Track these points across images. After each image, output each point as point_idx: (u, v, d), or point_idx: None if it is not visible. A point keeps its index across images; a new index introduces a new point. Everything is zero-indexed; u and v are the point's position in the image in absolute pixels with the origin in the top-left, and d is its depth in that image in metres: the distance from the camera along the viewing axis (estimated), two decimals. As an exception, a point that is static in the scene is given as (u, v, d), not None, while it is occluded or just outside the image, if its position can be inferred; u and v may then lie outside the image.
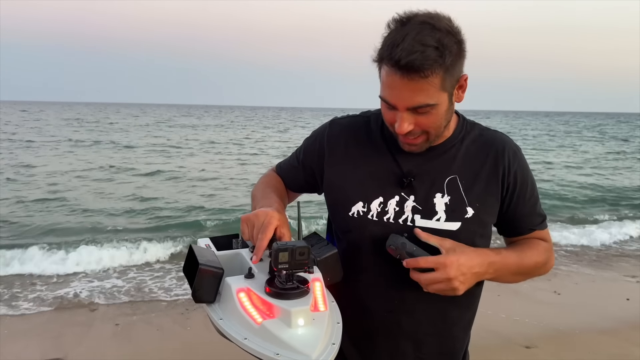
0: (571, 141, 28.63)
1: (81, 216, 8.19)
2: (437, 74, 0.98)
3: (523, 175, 1.18)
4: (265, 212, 1.06)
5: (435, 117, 1.05)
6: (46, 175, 12.04)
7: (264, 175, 1.39)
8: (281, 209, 1.15)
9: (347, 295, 1.17)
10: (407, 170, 1.15)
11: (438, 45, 0.97)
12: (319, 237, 1.15)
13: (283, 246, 0.92)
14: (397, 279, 1.12)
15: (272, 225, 1.03)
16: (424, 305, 1.16)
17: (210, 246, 1.18)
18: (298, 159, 1.32)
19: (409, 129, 1.05)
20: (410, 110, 1.03)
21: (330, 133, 1.25)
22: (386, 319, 1.16)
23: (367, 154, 1.20)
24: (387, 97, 1.04)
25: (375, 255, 1.14)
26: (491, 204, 1.16)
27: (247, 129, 36.81)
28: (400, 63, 0.97)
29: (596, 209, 9.79)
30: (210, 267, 0.97)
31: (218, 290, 0.99)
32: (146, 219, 8.12)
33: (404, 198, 1.14)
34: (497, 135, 1.21)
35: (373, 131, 1.22)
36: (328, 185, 1.24)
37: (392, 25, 1.02)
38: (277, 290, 0.92)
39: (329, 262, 1.05)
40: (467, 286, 1.07)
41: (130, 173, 12.90)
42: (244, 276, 0.99)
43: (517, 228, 1.22)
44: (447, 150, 1.17)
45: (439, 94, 1.02)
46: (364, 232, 1.15)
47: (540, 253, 1.21)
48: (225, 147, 20.98)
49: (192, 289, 0.97)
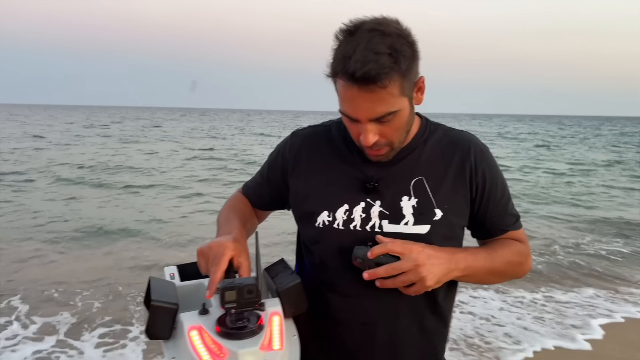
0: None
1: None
2: (394, 80, 0.96)
3: (492, 174, 1.15)
4: (219, 244, 1.02)
5: (399, 123, 1.03)
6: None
7: (230, 197, 1.35)
8: (240, 236, 1.11)
9: (320, 308, 1.13)
10: (370, 174, 1.12)
11: (391, 52, 0.94)
12: (285, 265, 1.11)
13: (229, 284, 0.88)
14: (370, 289, 1.07)
15: (225, 257, 0.99)
16: (401, 317, 1.11)
17: (174, 275, 1.14)
18: (263, 176, 1.30)
19: (374, 140, 1.03)
20: (373, 120, 1.01)
21: (291, 144, 1.23)
22: (361, 331, 1.11)
23: (329, 162, 1.17)
24: (347, 111, 1.02)
25: (345, 266, 1.09)
26: (460, 204, 1.12)
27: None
28: (356, 75, 0.93)
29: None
30: (163, 302, 0.93)
31: (173, 326, 0.95)
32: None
33: (370, 204, 1.10)
34: (463, 135, 1.18)
35: (335, 139, 1.19)
36: (293, 197, 1.21)
37: (341, 36, 1.00)
38: (226, 330, 0.89)
39: (291, 293, 1.01)
40: (436, 278, 1.01)
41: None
42: (197, 312, 0.94)
43: (490, 229, 1.18)
44: (411, 152, 1.13)
45: (400, 100, 1.00)
46: (331, 242, 1.11)
47: (514, 252, 1.16)
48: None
49: (146, 325, 0.93)
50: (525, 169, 16.41)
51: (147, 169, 14.65)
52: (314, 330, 1.15)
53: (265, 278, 1.11)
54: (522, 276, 1.21)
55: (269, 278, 1.09)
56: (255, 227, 1.33)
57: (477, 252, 1.12)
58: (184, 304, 0.99)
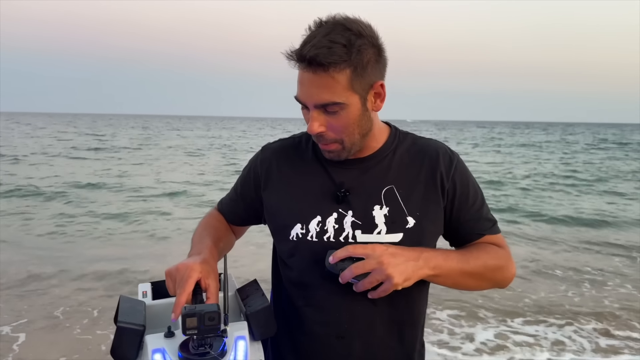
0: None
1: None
2: (343, 71, 0.98)
3: (462, 180, 1.15)
4: (186, 265, 1.01)
5: (346, 120, 1.03)
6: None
7: (206, 215, 1.34)
8: (210, 256, 1.09)
9: (297, 322, 1.12)
10: (339, 181, 1.12)
11: (346, 44, 0.97)
12: (257, 286, 1.10)
13: (191, 311, 0.87)
14: (344, 302, 1.07)
15: (191, 279, 0.98)
16: (376, 329, 1.10)
17: (147, 293, 1.12)
18: (237, 192, 1.29)
19: (319, 130, 1.04)
20: (319, 108, 1.02)
21: (262, 159, 1.23)
22: (338, 345, 1.10)
23: (299, 174, 1.17)
24: (298, 94, 1.05)
25: (320, 278, 1.08)
26: (433, 211, 1.11)
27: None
28: (306, 57, 0.97)
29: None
30: (128, 324, 0.92)
31: (140, 346, 0.93)
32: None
33: (342, 214, 1.09)
34: (431, 143, 1.18)
35: (304, 150, 1.20)
36: (267, 212, 1.20)
37: (312, 27, 1.02)
38: (188, 355, 0.88)
39: (260, 317, 1.00)
40: (404, 276, 0.98)
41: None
42: (163, 335, 0.93)
43: (466, 235, 1.16)
44: (380, 160, 1.14)
45: (347, 94, 1.00)
46: (305, 254, 1.10)
47: (491, 256, 1.13)
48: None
49: (112, 346, 0.91)
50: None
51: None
52: (291, 344, 1.13)
53: (236, 299, 1.10)
54: (506, 283, 1.17)
55: (240, 300, 1.08)
56: (232, 243, 1.32)
57: (449, 252, 1.09)
58: (153, 323, 0.99)
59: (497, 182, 14.30)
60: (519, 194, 12.31)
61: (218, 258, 1.15)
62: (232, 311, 1.08)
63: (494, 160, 21.66)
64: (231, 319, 1.01)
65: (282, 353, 1.15)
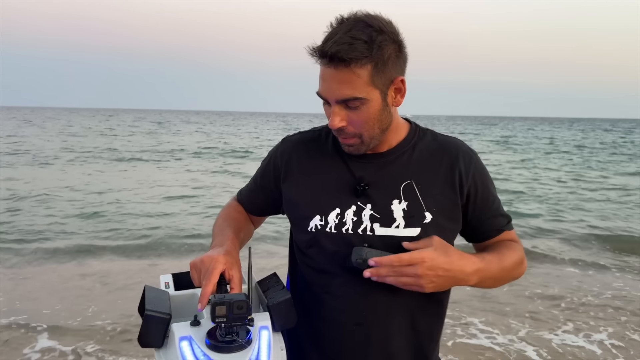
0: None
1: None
2: (364, 66, 1.00)
3: (482, 178, 1.17)
4: (211, 257, 1.04)
5: (367, 114, 1.05)
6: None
7: (225, 206, 1.37)
8: (233, 248, 1.13)
9: (316, 310, 1.16)
10: (359, 175, 1.14)
11: (367, 40, 0.99)
12: (277, 279, 1.13)
13: (221, 300, 0.90)
14: (364, 290, 1.10)
15: (216, 271, 1.02)
16: (394, 317, 1.13)
17: (169, 284, 1.16)
18: (256, 183, 1.32)
19: (341, 125, 1.06)
20: (340, 103, 1.05)
21: (282, 151, 1.25)
22: (355, 332, 1.13)
23: (319, 167, 1.19)
24: (319, 90, 1.07)
25: (339, 268, 1.11)
26: (450, 208, 1.14)
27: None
28: (328, 53, 1.00)
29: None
30: (156, 312, 0.96)
31: (165, 335, 0.97)
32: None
33: (361, 207, 1.12)
34: (450, 140, 1.20)
35: (323, 143, 1.22)
36: (286, 203, 1.23)
37: (334, 24, 1.04)
38: (215, 342, 0.91)
39: (281, 308, 1.03)
40: (434, 289, 1.03)
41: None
42: (189, 323, 0.97)
43: (486, 232, 1.20)
44: (400, 156, 1.16)
45: (368, 89, 1.02)
46: (324, 245, 1.13)
47: (517, 253, 1.19)
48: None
49: (139, 333, 0.95)
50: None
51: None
52: (310, 330, 1.17)
53: (257, 291, 1.13)
54: (521, 276, 1.22)
55: (260, 292, 1.11)
56: (252, 233, 1.35)
57: (490, 260, 1.11)
58: (176, 312, 1.02)
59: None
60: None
61: (239, 248, 1.19)
62: (255, 305, 1.11)
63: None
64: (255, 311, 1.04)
65: (299, 339, 1.19)
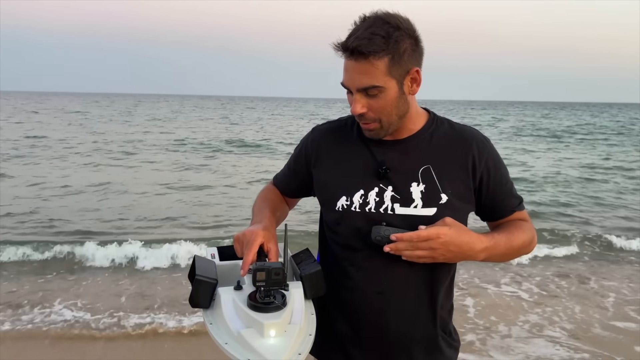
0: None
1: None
2: (381, 59, 1.12)
3: (495, 162, 1.29)
4: (251, 231, 1.21)
5: (385, 101, 1.17)
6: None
7: (263, 189, 1.54)
8: (270, 224, 1.29)
9: (342, 280, 1.30)
10: (381, 159, 1.26)
11: (385, 35, 1.11)
12: (309, 254, 1.28)
13: (261, 267, 1.06)
14: (384, 263, 1.23)
15: (256, 242, 1.18)
16: (411, 288, 1.26)
17: (215, 256, 1.32)
18: (290, 168, 1.47)
19: (362, 111, 1.18)
20: (361, 92, 1.17)
21: (313, 139, 1.39)
22: (377, 299, 1.27)
23: (346, 152, 1.32)
24: (343, 80, 1.19)
25: (362, 244, 1.24)
26: (464, 190, 1.25)
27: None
28: (349, 48, 1.13)
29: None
30: (205, 277, 1.12)
31: (212, 298, 1.13)
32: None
33: (383, 189, 1.24)
34: (466, 129, 1.32)
35: (349, 132, 1.35)
36: (316, 186, 1.37)
37: (357, 21, 1.17)
38: (255, 303, 1.05)
39: (312, 279, 1.18)
40: (446, 260, 1.18)
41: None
42: (233, 287, 1.12)
43: (499, 211, 1.33)
44: (419, 142, 1.27)
45: (386, 79, 1.14)
46: (349, 223, 1.26)
47: (526, 232, 1.31)
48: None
49: (190, 295, 1.11)
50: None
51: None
52: (337, 299, 1.31)
53: (291, 263, 1.28)
54: (530, 252, 1.37)
55: (294, 264, 1.26)
56: (286, 213, 1.52)
57: (499, 239, 1.24)
58: (221, 280, 1.17)
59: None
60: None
61: (276, 225, 1.35)
62: (289, 275, 1.25)
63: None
64: (289, 280, 1.18)
65: (327, 307, 1.33)
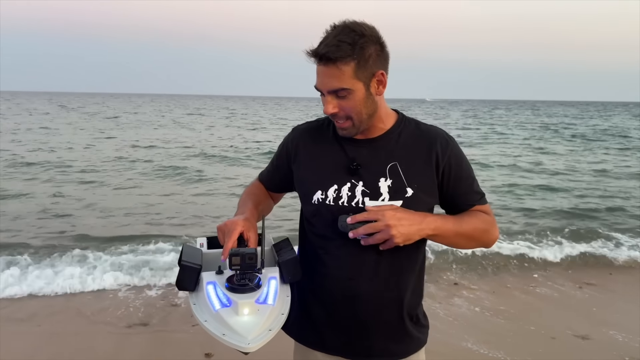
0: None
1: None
2: (348, 64, 1.24)
3: (457, 159, 1.39)
4: (232, 221, 1.34)
5: (354, 102, 1.29)
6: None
7: (249, 185, 1.67)
8: (251, 216, 1.42)
9: (318, 267, 1.42)
10: (352, 156, 1.38)
11: (351, 42, 1.23)
12: (288, 242, 1.41)
13: (236, 252, 1.19)
14: (354, 251, 1.35)
15: (236, 231, 1.30)
16: (379, 273, 1.37)
17: (204, 244, 1.45)
18: (273, 165, 1.61)
19: (333, 111, 1.30)
20: (331, 94, 1.28)
21: (292, 138, 1.52)
22: (346, 285, 1.38)
23: (322, 150, 1.44)
24: (316, 83, 1.31)
25: (335, 234, 1.36)
26: (429, 185, 1.37)
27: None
28: (319, 54, 1.25)
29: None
30: (190, 263, 1.26)
31: (197, 282, 1.26)
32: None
33: (354, 184, 1.36)
34: (432, 128, 1.43)
35: (325, 131, 1.47)
36: (296, 181, 1.50)
37: (328, 29, 1.28)
38: (232, 285, 1.19)
39: (288, 264, 1.31)
40: (404, 237, 1.27)
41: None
42: (215, 272, 1.25)
43: (459, 204, 1.43)
44: (387, 141, 1.39)
45: (353, 82, 1.26)
46: (324, 215, 1.39)
47: (480, 220, 1.40)
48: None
49: (176, 279, 1.25)
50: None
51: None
52: (313, 284, 1.44)
53: (272, 251, 1.41)
54: (491, 243, 1.45)
55: (274, 251, 1.39)
56: (271, 207, 1.66)
57: (447, 217, 1.38)
58: (207, 266, 1.31)
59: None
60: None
61: (258, 218, 1.48)
62: (270, 262, 1.38)
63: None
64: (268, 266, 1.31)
65: (303, 291, 1.45)
